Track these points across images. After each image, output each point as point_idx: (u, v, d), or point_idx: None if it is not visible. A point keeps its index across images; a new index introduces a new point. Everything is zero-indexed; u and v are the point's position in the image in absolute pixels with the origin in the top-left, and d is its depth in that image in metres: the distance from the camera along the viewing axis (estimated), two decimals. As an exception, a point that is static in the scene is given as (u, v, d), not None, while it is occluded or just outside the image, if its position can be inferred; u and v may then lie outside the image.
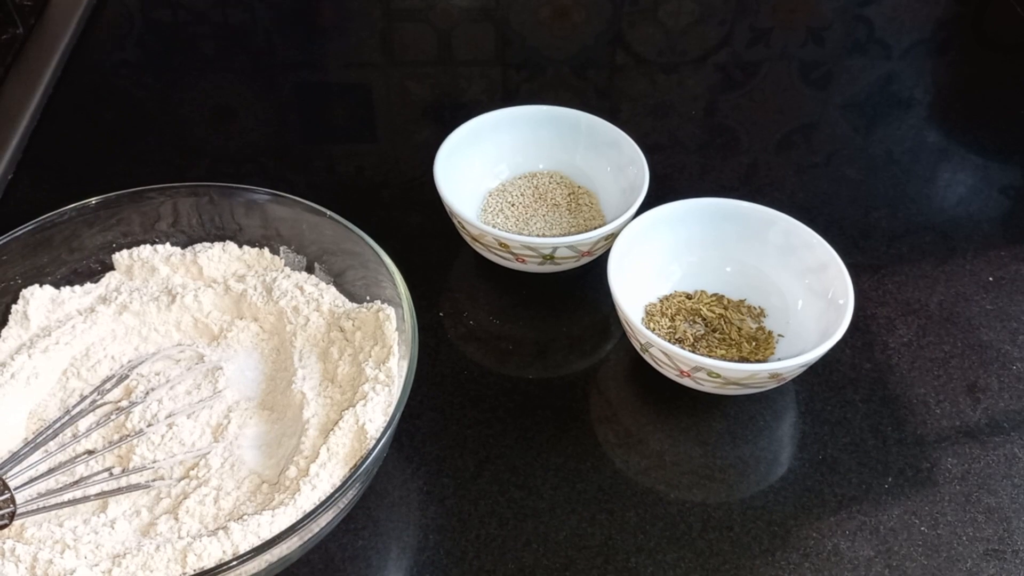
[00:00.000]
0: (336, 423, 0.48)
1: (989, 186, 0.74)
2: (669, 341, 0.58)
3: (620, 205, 0.63)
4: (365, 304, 0.55)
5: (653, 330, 0.58)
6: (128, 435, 0.49)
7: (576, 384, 0.59)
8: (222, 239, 0.59)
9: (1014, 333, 0.61)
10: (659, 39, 0.90)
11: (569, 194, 0.67)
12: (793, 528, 0.51)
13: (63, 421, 0.49)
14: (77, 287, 0.57)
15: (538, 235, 0.64)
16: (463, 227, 0.60)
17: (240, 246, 0.59)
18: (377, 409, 0.48)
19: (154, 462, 0.48)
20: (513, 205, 0.66)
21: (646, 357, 0.56)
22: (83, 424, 0.50)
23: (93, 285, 0.57)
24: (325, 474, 0.46)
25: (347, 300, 0.57)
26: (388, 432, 0.46)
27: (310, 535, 0.44)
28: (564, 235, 0.63)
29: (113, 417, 0.50)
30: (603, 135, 0.66)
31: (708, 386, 0.54)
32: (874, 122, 0.81)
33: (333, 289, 0.57)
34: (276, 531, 0.43)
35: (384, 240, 0.54)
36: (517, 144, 0.68)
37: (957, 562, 0.50)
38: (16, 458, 0.46)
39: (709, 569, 0.50)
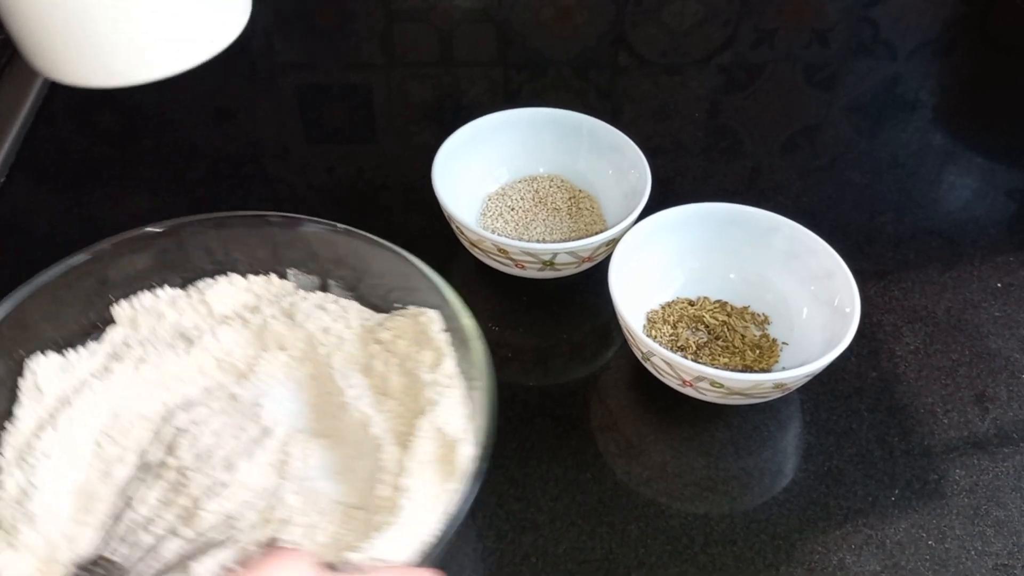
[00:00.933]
0: (409, 434, 0.47)
1: (996, 189, 0.73)
2: (671, 349, 0.57)
3: (622, 210, 0.62)
4: (398, 311, 0.54)
5: (655, 337, 0.57)
6: (194, 496, 0.45)
7: (576, 392, 0.58)
8: (222, 272, 0.56)
9: (1023, 341, 0.60)
10: (662, 40, 0.89)
11: (570, 198, 0.66)
12: (797, 542, 0.50)
13: (129, 501, 0.46)
14: (82, 349, 0.52)
15: (538, 240, 0.63)
16: (461, 232, 0.59)
17: (244, 276, 0.56)
18: (451, 411, 0.47)
19: (228, 516, 0.45)
20: (513, 209, 0.65)
21: (648, 366, 0.55)
22: (149, 496, 0.47)
23: (98, 344, 0.53)
24: (419, 484, 0.45)
25: (373, 311, 0.55)
26: (490, 431, 0.44)
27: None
28: (564, 240, 0.62)
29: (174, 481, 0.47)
30: (605, 138, 0.65)
31: (711, 396, 0.53)
32: (879, 124, 0.80)
33: (356, 303, 0.55)
34: (403, 548, 0.41)
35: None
36: (517, 147, 0.67)
37: (965, 577, 0.49)
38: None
39: (712, 584, 0.49)
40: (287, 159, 0.76)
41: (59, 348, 0.52)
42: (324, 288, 0.57)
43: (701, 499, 0.53)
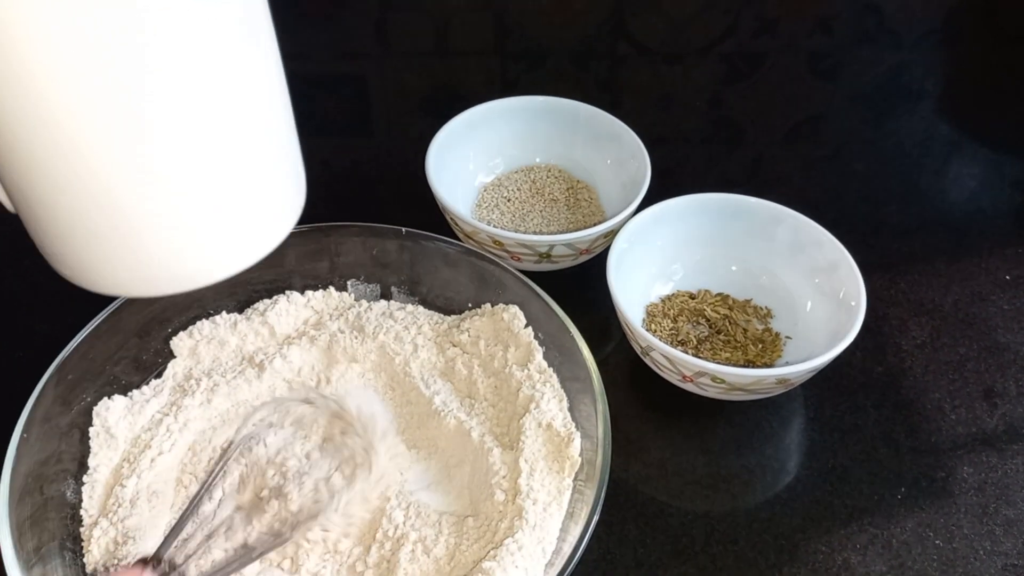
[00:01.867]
0: (506, 434, 0.46)
1: (1003, 180, 0.72)
2: (671, 343, 0.55)
3: (620, 200, 0.60)
4: (473, 312, 0.53)
5: (654, 331, 0.56)
6: (298, 520, 0.44)
7: (574, 388, 0.56)
8: (279, 291, 0.54)
9: (1033, 335, 0.59)
10: (663, 29, 0.88)
11: (567, 189, 0.65)
12: (801, 542, 0.49)
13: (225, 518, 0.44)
14: (145, 388, 0.51)
15: (535, 232, 0.62)
16: (456, 223, 0.58)
17: (301, 292, 0.54)
18: (552, 406, 0.47)
19: (324, 531, 0.44)
20: (509, 200, 0.64)
21: (647, 361, 0.54)
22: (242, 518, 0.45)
23: (160, 381, 0.51)
24: (537, 484, 0.44)
25: (441, 314, 0.54)
26: (606, 425, 0.45)
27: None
28: (562, 232, 0.61)
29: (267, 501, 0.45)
30: (603, 127, 0.63)
31: (712, 391, 0.51)
32: (884, 114, 0.78)
33: (422, 308, 0.54)
34: (538, 552, 0.42)
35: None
36: (513, 136, 0.66)
37: (974, 578, 0.47)
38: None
39: (713, 585, 0.47)
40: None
41: (122, 390, 0.50)
42: (387, 296, 0.55)
43: (702, 497, 0.51)
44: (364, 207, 0.68)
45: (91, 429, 0.48)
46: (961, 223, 0.67)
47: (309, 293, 0.54)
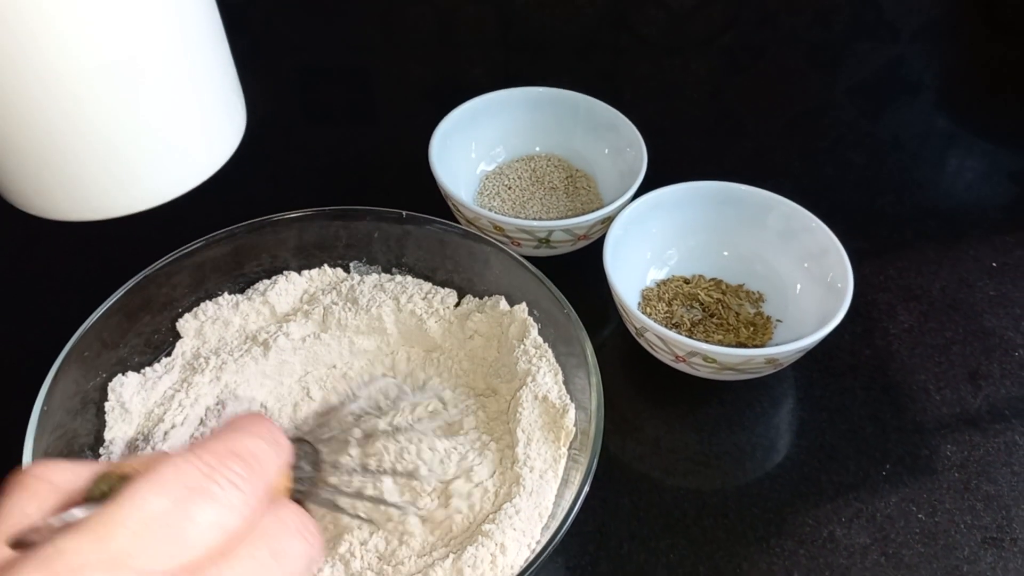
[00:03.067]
0: (512, 406, 0.48)
1: (997, 172, 0.73)
2: (666, 326, 0.57)
3: (618, 189, 0.62)
4: (467, 299, 0.55)
5: (650, 315, 0.58)
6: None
7: (572, 369, 0.58)
8: (279, 272, 0.56)
9: (1018, 320, 0.60)
10: (664, 21, 0.89)
11: (567, 177, 0.67)
12: (789, 515, 0.51)
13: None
14: (157, 366, 0.52)
15: (535, 219, 0.63)
16: (458, 209, 0.60)
17: (300, 273, 0.57)
18: (548, 380, 0.49)
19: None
20: (510, 188, 0.66)
21: (642, 342, 0.55)
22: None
23: (169, 359, 0.53)
24: (534, 452, 0.46)
25: (434, 285, 0.56)
26: (599, 396, 0.46)
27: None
28: (561, 219, 0.63)
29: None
30: (601, 117, 0.65)
31: (704, 371, 0.53)
32: (882, 107, 0.80)
33: (410, 277, 0.56)
34: (535, 516, 0.44)
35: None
36: (515, 126, 0.67)
37: (954, 550, 0.49)
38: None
39: (703, 556, 0.49)
40: (287, 141, 0.77)
41: (135, 368, 0.52)
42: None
43: (694, 474, 0.53)
44: (368, 195, 0.70)
45: (106, 404, 0.50)
46: (953, 213, 0.69)
47: (306, 272, 0.56)
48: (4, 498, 0.25)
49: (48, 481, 0.25)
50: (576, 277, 0.63)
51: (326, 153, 0.75)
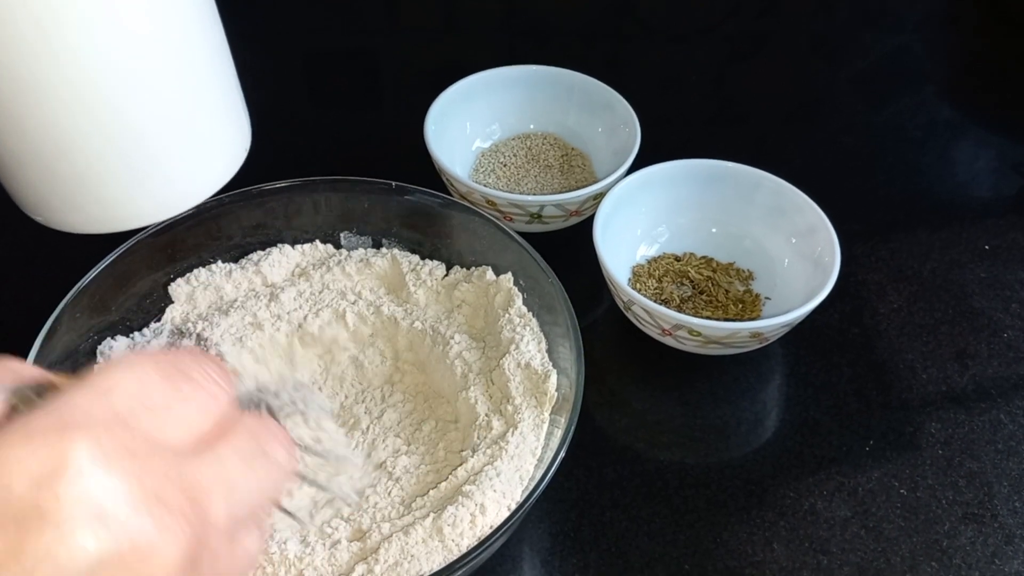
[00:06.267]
0: (496, 373, 0.49)
1: (997, 160, 0.73)
2: (655, 303, 0.57)
3: (613, 167, 0.62)
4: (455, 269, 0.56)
5: (640, 291, 0.58)
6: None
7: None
8: (272, 243, 0.57)
9: (1007, 301, 0.61)
10: (667, 8, 0.90)
11: (562, 156, 0.67)
12: (770, 487, 0.51)
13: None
14: (146, 330, 0.53)
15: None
16: (452, 184, 0.61)
17: (292, 245, 0.57)
18: (531, 348, 0.50)
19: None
20: (505, 165, 0.66)
21: (629, 316, 0.56)
22: None
23: (158, 323, 0.54)
24: (516, 418, 0.47)
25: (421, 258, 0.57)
26: (580, 364, 0.46)
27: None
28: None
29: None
30: (596, 96, 0.66)
31: (690, 345, 0.54)
32: (883, 96, 0.80)
33: (396, 250, 0.57)
34: (515, 479, 0.45)
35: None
36: (510, 104, 0.68)
37: (935, 524, 0.49)
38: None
39: (683, 525, 0.50)
40: (292, 124, 0.78)
41: (124, 331, 0.53)
42: (377, 247, 0.58)
43: (678, 446, 0.54)
44: (369, 176, 0.71)
45: (95, 367, 0.51)
46: (945, 196, 0.69)
47: (299, 246, 0.57)
48: None
49: (6, 367, 0.24)
50: (568, 258, 0.63)
51: (328, 135, 0.76)
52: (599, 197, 0.59)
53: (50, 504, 0.19)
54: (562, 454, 0.43)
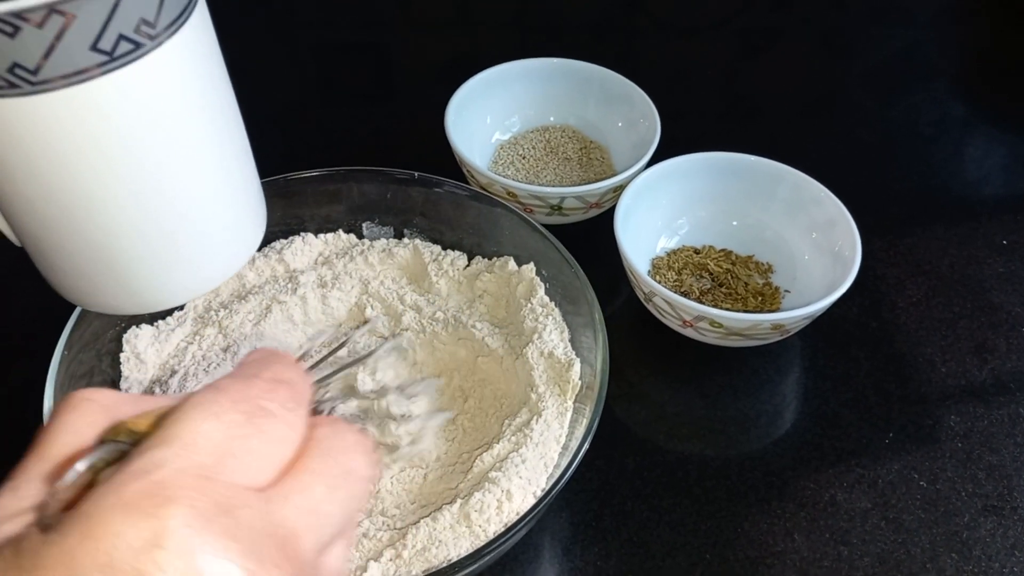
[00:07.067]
0: (520, 362, 0.49)
1: (1012, 156, 0.73)
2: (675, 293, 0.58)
3: (631, 160, 0.63)
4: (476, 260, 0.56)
5: (659, 283, 0.58)
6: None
7: (580, 335, 0.59)
8: (295, 232, 0.57)
9: (1025, 296, 0.61)
10: (679, 2, 0.90)
11: (581, 148, 0.67)
12: (791, 479, 0.52)
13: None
14: (170, 319, 0.54)
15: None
16: (472, 176, 0.61)
17: (316, 235, 0.57)
18: (554, 337, 0.50)
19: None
20: (524, 158, 0.66)
21: (650, 307, 0.56)
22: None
23: (181, 312, 0.54)
24: (541, 406, 0.47)
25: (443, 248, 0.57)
26: (604, 352, 0.47)
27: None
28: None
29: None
30: (615, 89, 0.66)
31: (711, 336, 0.54)
32: (897, 91, 0.80)
33: (418, 240, 0.57)
34: (540, 466, 0.45)
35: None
36: (529, 97, 0.68)
37: (954, 516, 0.50)
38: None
39: (704, 515, 0.50)
40: (304, 117, 0.78)
41: (148, 320, 0.53)
42: (399, 237, 0.58)
43: (698, 438, 0.54)
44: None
45: (122, 355, 0.51)
46: (963, 191, 0.69)
47: (322, 235, 0.57)
48: (55, 417, 0.24)
49: (97, 402, 0.25)
50: (589, 250, 0.64)
51: (343, 130, 0.76)
52: (619, 190, 0.59)
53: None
54: (587, 443, 0.43)
